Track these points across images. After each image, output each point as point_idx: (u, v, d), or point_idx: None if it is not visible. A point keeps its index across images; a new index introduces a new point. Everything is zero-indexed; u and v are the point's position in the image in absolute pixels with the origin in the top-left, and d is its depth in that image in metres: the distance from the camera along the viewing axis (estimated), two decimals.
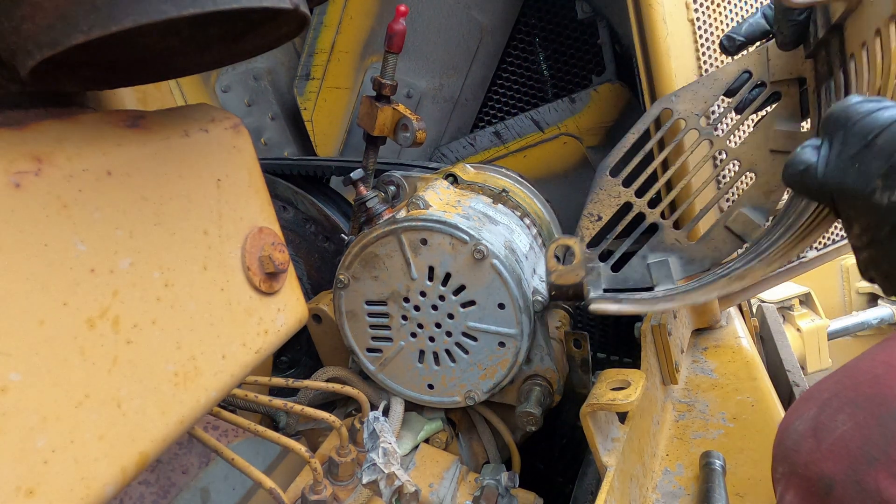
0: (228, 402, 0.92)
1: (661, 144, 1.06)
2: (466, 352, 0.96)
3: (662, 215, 0.97)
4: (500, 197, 1.09)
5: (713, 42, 1.14)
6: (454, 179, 1.11)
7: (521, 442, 1.09)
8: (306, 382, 0.92)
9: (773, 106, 0.95)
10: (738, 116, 0.97)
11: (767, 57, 0.94)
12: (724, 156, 0.98)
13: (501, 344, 0.94)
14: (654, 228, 0.97)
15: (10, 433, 0.40)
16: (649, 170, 0.98)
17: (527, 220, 1.10)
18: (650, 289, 0.94)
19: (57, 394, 0.43)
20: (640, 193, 0.98)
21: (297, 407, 0.84)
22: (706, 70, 1.13)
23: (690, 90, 0.98)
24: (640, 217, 0.97)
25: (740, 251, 0.96)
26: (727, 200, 1.15)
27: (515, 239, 1.00)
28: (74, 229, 0.45)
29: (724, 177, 1.17)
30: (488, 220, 0.98)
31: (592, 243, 1.00)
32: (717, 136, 0.97)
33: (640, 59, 1.14)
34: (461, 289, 0.93)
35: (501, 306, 0.92)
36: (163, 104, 0.67)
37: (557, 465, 1.28)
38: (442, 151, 1.77)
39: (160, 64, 0.55)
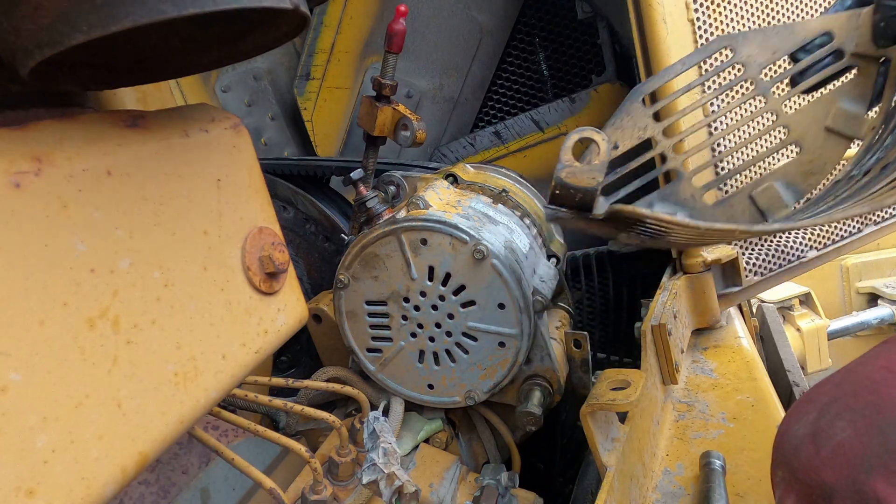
0: (228, 402, 0.92)
1: (707, 84, 0.95)
2: (466, 352, 0.96)
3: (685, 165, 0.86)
4: (500, 197, 1.09)
5: None
6: (454, 179, 1.11)
7: (521, 442, 1.09)
8: (306, 382, 0.92)
9: (843, 80, 0.84)
10: (803, 82, 0.84)
11: (857, 24, 0.80)
12: (773, 118, 0.87)
13: (501, 344, 0.94)
14: (669, 176, 0.87)
15: (10, 433, 0.40)
16: (687, 109, 0.88)
17: (527, 220, 1.10)
18: None
19: (57, 394, 0.43)
20: (668, 133, 0.87)
21: (297, 407, 0.84)
22: (706, 70, 1.12)
23: (761, 34, 0.84)
24: (661, 159, 0.88)
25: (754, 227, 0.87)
26: (761, 168, 1.05)
27: (515, 239, 1.00)
28: (74, 229, 0.45)
29: (765, 141, 1.05)
30: (488, 220, 0.98)
31: None
32: (774, 94, 0.85)
33: (640, 59, 1.14)
34: (461, 289, 0.93)
35: (501, 306, 0.92)
36: (163, 104, 0.67)
37: (557, 465, 1.27)
38: (442, 151, 1.77)
39: (160, 64, 0.55)
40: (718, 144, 1.04)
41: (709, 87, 1.03)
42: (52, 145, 0.45)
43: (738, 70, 0.86)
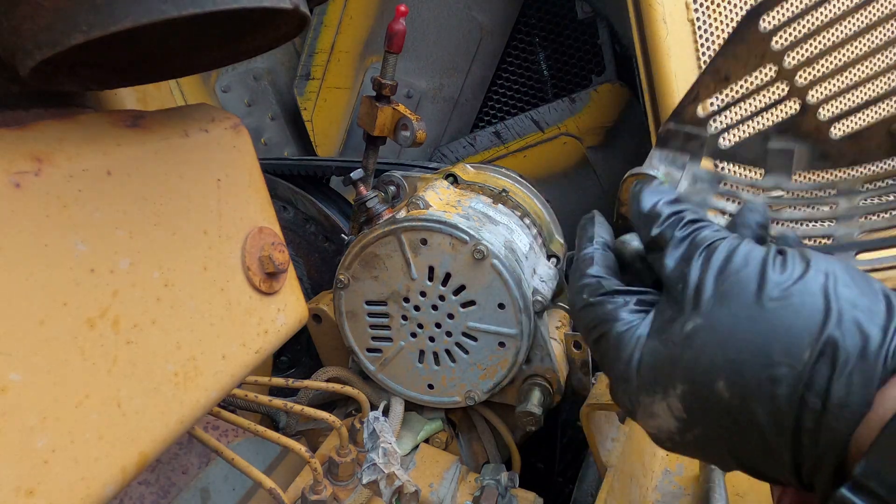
0: (228, 402, 0.92)
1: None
2: (466, 352, 0.96)
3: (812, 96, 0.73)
4: (500, 197, 1.09)
5: (713, 42, 1.14)
6: (454, 179, 1.11)
7: (521, 442, 1.09)
8: (306, 382, 0.92)
9: None
10: None
11: None
12: None
13: (501, 344, 0.94)
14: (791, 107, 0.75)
15: (10, 433, 0.40)
16: (822, 33, 0.75)
17: (527, 220, 1.10)
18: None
19: (57, 394, 0.43)
20: (793, 59, 0.74)
21: (297, 407, 0.84)
22: None
23: None
24: (782, 88, 0.76)
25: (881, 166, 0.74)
26: None
27: (515, 239, 1.00)
28: (74, 229, 0.45)
29: None
30: (488, 220, 0.98)
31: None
32: None
33: (640, 59, 1.14)
34: (461, 289, 0.93)
35: (501, 306, 0.92)
36: (163, 104, 0.67)
37: (557, 465, 1.27)
38: (442, 151, 1.77)
39: (160, 64, 0.55)
40: (854, 69, 0.85)
41: (845, 3, 0.84)
42: (52, 145, 0.45)
43: None
